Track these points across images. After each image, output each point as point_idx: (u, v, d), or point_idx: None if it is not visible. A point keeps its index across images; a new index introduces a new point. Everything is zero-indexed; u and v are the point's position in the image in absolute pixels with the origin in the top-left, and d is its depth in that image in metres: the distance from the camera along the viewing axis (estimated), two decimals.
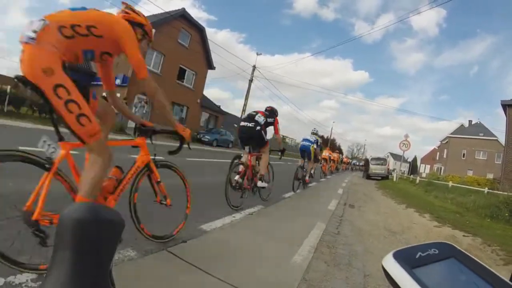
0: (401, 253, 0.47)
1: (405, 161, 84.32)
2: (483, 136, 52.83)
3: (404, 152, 23.92)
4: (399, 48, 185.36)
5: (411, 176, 35.14)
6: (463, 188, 19.36)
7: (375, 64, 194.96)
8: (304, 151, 10.08)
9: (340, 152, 50.76)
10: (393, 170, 35.68)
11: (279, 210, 6.28)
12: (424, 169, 71.31)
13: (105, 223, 0.46)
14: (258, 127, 5.89)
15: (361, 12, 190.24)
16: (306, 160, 10.02)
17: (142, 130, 2.79)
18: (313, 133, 10.53)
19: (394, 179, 25.93)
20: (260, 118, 5.99)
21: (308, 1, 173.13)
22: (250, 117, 6.05)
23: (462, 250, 0.48)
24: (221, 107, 39.68)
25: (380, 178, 26.88)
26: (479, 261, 0.46)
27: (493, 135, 50.98)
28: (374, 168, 27.73)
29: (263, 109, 6.49)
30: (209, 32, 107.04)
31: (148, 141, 2.84)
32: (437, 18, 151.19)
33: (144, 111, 22.03)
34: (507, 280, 0.43)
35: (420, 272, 0.44)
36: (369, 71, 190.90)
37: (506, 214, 9.79)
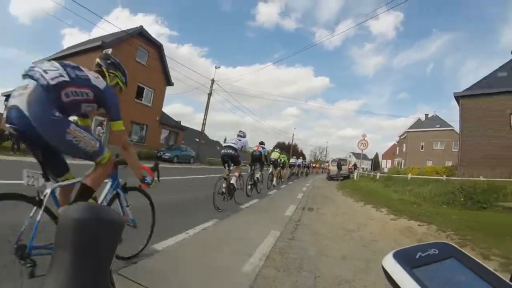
0: (401, 253, 0.48)
1: (366, 158, 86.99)
2: (439, 127, 56.12)
3: (362, 151, 24.64)
4: (359, 52, 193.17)
5: (372, 173, 36.11)
6: (422, 179, 20.10)
7: (336, 69, 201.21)
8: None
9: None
10: (356, 168, 36.59)
11: (235, 221, 6.32)
12: (386, 165, 74.17)
13: (105, 223, 0.48)
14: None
15: (321, 20, 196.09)
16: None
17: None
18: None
19: (355, 178, 26.58)
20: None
21: (270, 12, 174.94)
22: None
23: (462, 250, 0.49)
24: (181, 123, 39.63)
25: (342, 178, 27.53)
26: (479, 261, 0.47)
27: (449, 126, 53.88)
28: (334, 170, 28.43)
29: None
30: (170, 47, 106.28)
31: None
32: (395, 22, 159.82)
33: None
34: (507, 280, 0.44)
35: (420, 272, 0.45)
36: (330, 77, 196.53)
37: (462, 199, 10.29)
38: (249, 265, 3.81)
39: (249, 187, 9.91)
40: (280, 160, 16.25)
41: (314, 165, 54.64)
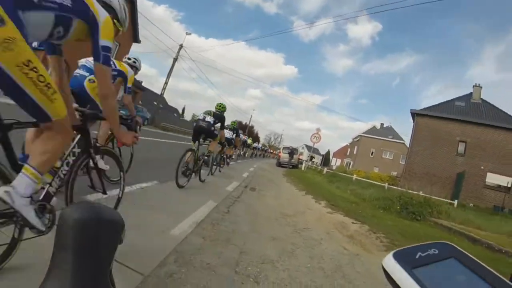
0: (401, 253, 0.48)
1: (318, 153, 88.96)
2: (392, 138, 59.34)
3: (314, 144, 25.08)
4: (332, 51, 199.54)
5: (320, 167, 37.02)
6: (366, 182, 20.83)
7: (306, 62, 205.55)
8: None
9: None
10: (310, 159, 37.40)
11: (174, 187, 6.15)
12: (336, 163, 76.38)
13: (105, 223, 0.47)
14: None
15: (302, 11, 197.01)
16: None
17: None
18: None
19: (303, 169, 27.08)
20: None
21: None
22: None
23: (462, 250, 0.49)
24: (142, 83, 38.22)
25: (290, 166, 28.00)
26: (479, 261, 0.46)
27: (401, 139, 57.17)
28: (285, 157, 28.84)
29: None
30: (146, 5, 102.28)
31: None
32: (373, 31, 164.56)
33: None
34: (507, 280, 0.43)
35: (420, 272, 0.44)
36: (299, 67, 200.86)
37: (398, 207, 10.69)
38: (178, 230, 3.79)
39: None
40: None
41: (271, 151, 56.38)
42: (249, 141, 21.76)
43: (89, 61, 4.27)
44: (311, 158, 36.66)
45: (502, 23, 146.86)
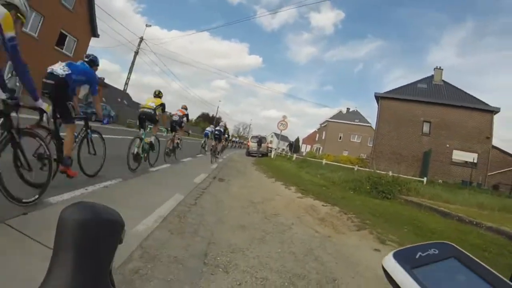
0: (401, 253, 0.48)
1: (287, 140, 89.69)
2: (358, 122, 60.55)
3: (281, 131, 25.24)
4: (295, 40, 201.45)
5: (289, 154, 37.38)
6: (335, 166, 21.13)
7: (270, 51, 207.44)
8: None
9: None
10: (280, 148, 37.68)
11: (139, 182, 6.21)
12: (305, 149, 77.34)
13: (105, 223, 0.47)
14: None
15: (264, 0, 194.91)
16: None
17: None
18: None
19: (272, 157, 27.19)
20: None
21: None
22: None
23: (462, 250, 0.49)
24: (104, 80, 37.13)
25: (260, 155, 28.09)
26: (479, 261, 0.46)
27: (368, 122, 58.60)
28: (254, 146, 28.94)
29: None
30: None
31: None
32: (335, 19, 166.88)
33: (17, 84, 19.02)
34: (507, 280, 0.43)
35: (420, 272, 0.44)
36: (263, 57, 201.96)
37: (368, 187, 10.87)
38: (142, 226, 3.74)
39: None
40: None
41: (245, 142, 56.66)
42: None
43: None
44: (287, 148, 36.93)
45: (462, 9, 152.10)
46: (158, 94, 8.50)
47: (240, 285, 2.70)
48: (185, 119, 11.74)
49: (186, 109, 12.19)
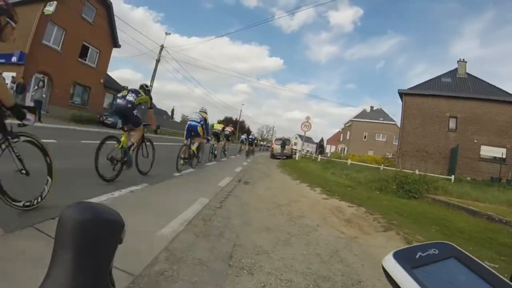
0: (401, 253, 0.48)
1: (312, 142, 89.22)
2: (383, 120, 59.45)
3: (305, 132, 25.05)
4: (314, 39, 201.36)
5: (313, 155, 37.16)
6: (361, 165, 20.87)
7: (290, 52, 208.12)
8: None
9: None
10: (304, 150, 37.53)
11: (164, 187, 6.24)
12: (330, 149, 76.75)
13: (105, 223, 0.47)
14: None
15: (281, 2, 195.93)
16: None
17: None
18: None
19: (297, 158, 27.08)
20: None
21: None
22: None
23: (462, 250, 0.49)
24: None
25: (284, 157, 28.04)
26: (479, 261, 0.46)
27: (392, 120, 57.49)
28: (278, 148, 28.94)
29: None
30: (124, 8, 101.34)
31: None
32: (354, 16, 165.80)
33: (43, 95, 19.52)
34: (507, 280, 0.43)
35: (420, 272, 0.44)
36: (284, 59, 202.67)
37: (394, 187, 10.68)
38: (168, 228, 3.78)
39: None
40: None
41: (270, 145, 57.70)
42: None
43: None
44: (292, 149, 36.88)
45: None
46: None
47: (264, 287, 2.70)
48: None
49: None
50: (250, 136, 26.26)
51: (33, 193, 3.44)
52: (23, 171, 3.27)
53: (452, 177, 17.94)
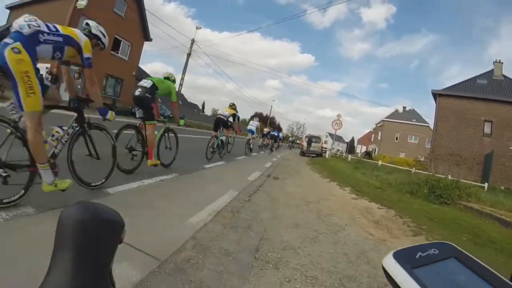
0: (401, 253, 0.48)
1: (342, 141, 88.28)
2: (415, 121, 57.91)
3: (336, 131, 24.64)
4: (347, 36, 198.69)
5: (344, 154, 36.75)
6: (391, 167, 20.45)
7: (322, 49, 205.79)
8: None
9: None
10: (335, 149, 37.21)
11: (193, 178, 6.33)
12: (360, 149, 75.47)
13: (105, 223, 0.47)
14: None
15: None
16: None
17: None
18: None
19: (327, 157, 26.83)
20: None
21: None
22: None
23: (462, 250, 0.49)
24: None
25: (314, 155, 27.84)
26: (479, 261, 0.47)
27: (425, 122, 55.89)
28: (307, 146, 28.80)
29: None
30: (155, 3, 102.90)
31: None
32: (386, 13, 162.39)
33: (79, 86, 20.28)
34: (507, 280, 0.43)
35: (420, 272, 0.45)
36: (315, 55, 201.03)
37: (425, 191, 10.38)
38: (196, 218, 3.83)
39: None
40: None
41: (300, 142, 57.49)
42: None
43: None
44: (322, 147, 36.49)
45: None
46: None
47: (289, 282, 2.69)
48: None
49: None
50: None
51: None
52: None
53: (486, 184, 17.25)
